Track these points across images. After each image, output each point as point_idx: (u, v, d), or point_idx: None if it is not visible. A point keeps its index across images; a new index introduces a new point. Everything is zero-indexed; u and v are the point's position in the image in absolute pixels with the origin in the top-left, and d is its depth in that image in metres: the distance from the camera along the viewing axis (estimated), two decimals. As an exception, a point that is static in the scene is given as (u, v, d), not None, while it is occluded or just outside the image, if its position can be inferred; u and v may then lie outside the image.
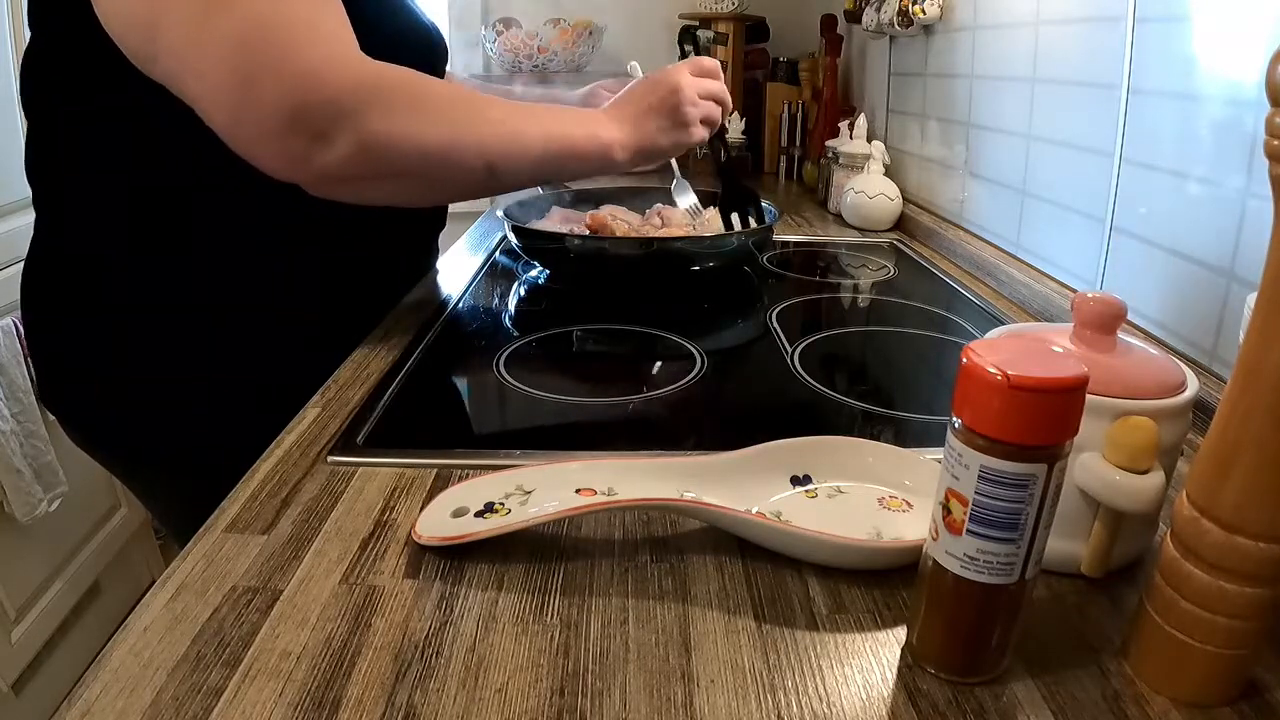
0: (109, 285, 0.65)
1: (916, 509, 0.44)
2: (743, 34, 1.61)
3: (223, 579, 0.39)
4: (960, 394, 0.31)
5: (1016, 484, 0.30)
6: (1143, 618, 0.34)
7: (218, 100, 0.52)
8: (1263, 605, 0.31)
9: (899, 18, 1.10)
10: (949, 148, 1.08)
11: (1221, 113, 0.58)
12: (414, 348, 0.69)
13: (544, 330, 0.75)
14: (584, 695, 0.33)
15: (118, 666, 0.34)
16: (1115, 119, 0.70)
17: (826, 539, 0.40)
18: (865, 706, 0.33)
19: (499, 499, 0.44)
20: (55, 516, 1.30)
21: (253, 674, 0.34)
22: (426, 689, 0.33)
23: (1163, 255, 0.65)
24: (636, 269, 0.84)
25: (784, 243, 1.09)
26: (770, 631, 0.37)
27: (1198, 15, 0.61)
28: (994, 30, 0.94)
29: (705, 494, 0.44)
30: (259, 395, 0.61)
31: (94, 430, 0.70)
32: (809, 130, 1.53)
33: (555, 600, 0.39)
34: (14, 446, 1.22)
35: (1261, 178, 0.54)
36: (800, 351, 0.70)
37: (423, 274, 0.90)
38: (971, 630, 0.33)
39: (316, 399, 0.59)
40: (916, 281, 0.93)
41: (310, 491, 0.47)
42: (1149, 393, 0.37)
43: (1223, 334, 0.58)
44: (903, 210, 1.16)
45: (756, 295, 0.88)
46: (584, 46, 1.67)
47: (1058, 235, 0.82)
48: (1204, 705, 0.32)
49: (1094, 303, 0.39)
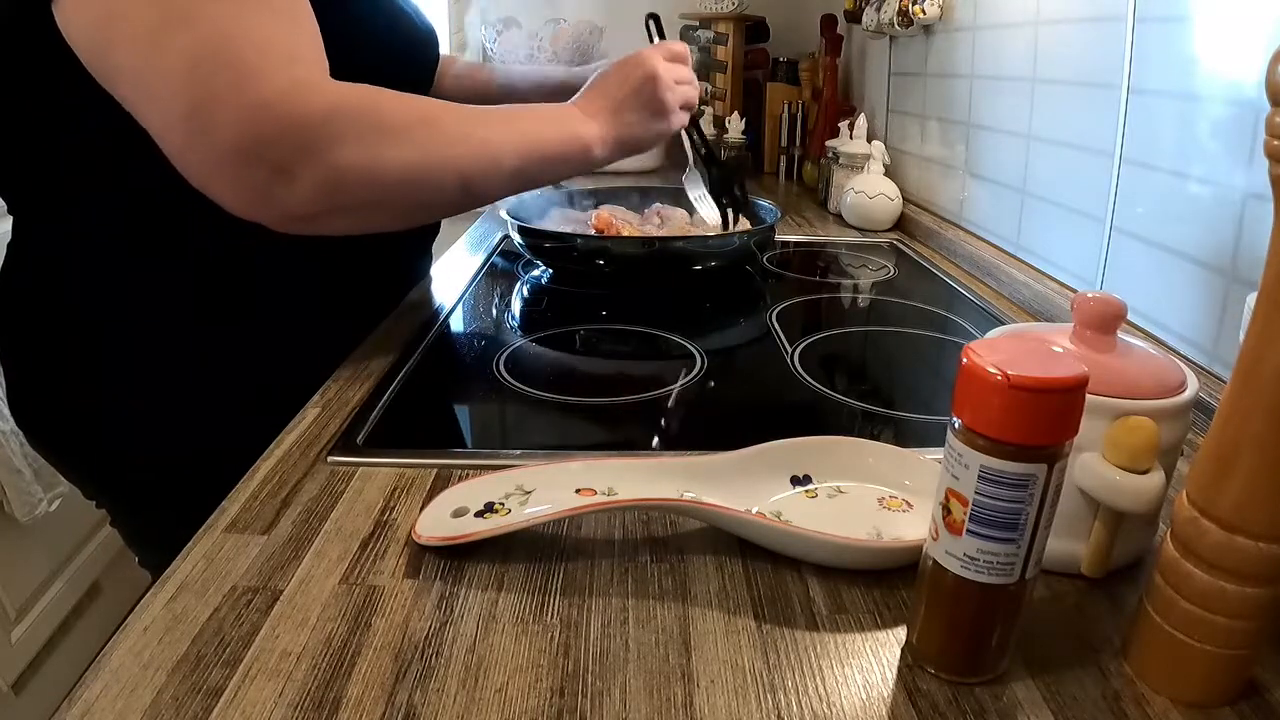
0: (96, 293, 0.63)
1: (916, 509, 0.44)
2: (743, 34, 1.61)
3: (223, 579, 0.39)
4: (960, 394, 0.31)
5: (1016, 484, 0.30)
6: (1143, 618, 0.34)
7: (170, 128, 0.49)
8: (1263, 605, 0.31)
9: (899, 18, 1.10)
10: (949, 148, 1.08)
11: (1221, 113, 0.58)
12: (414, 348, 0.69)
13: (544, 330, 0.75)
14: (584, 695, 0.33)
15: (118, 666, 0.34)
16: (1115, 119, 0.70)
17: (826, 539, 0.40)
18: (865, 706, 0.33)
19: (499, 499, 0.44)
20: (55, 516, 1.30)
21: (253, 674, 0.34)
22: (426, 689, 0.33)
23: (1163, 255, 0.65)
24: (638, 268, 0.84)
25: (784, 243, 1.09)
26: (770, 631, 0.37)
27: (1198, 15, 0.61)
28: (994, 30, 0.94)
29: (705, 494, 0.43)
30: (256, 399, 0.60)
31: (68, 443, 0.68)
32: (809, 130, 1.53)
33: (555, 600, 0.39)
34: (14, 446, 1.22)
35: (1261, 178, 0.54)
36: (800, 351, 0.70)
37: (418, 278, 0.89)
38: (971, 630, 0.33)
39: (316, 399, 0.59)
40: (916, 281, 0.93)
41: (310, 491, 0.47)
42: (1149, 393, 0.37)
43: (1223, 334, 0.58)
44: (903, 210, 1.16)
45: (757, 295, 0.88)
46: (584, 46, 1.67)
47: (1058, 235, 0.82)
48: (1204, 705, 0.32)
49: (1094, 303, 0.39)
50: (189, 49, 0.47)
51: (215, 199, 0.51)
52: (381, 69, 0.58)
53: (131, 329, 0.64)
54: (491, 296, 0.86)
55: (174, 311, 0.65)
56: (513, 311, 0.83)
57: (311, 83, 0.51)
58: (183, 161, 0.50)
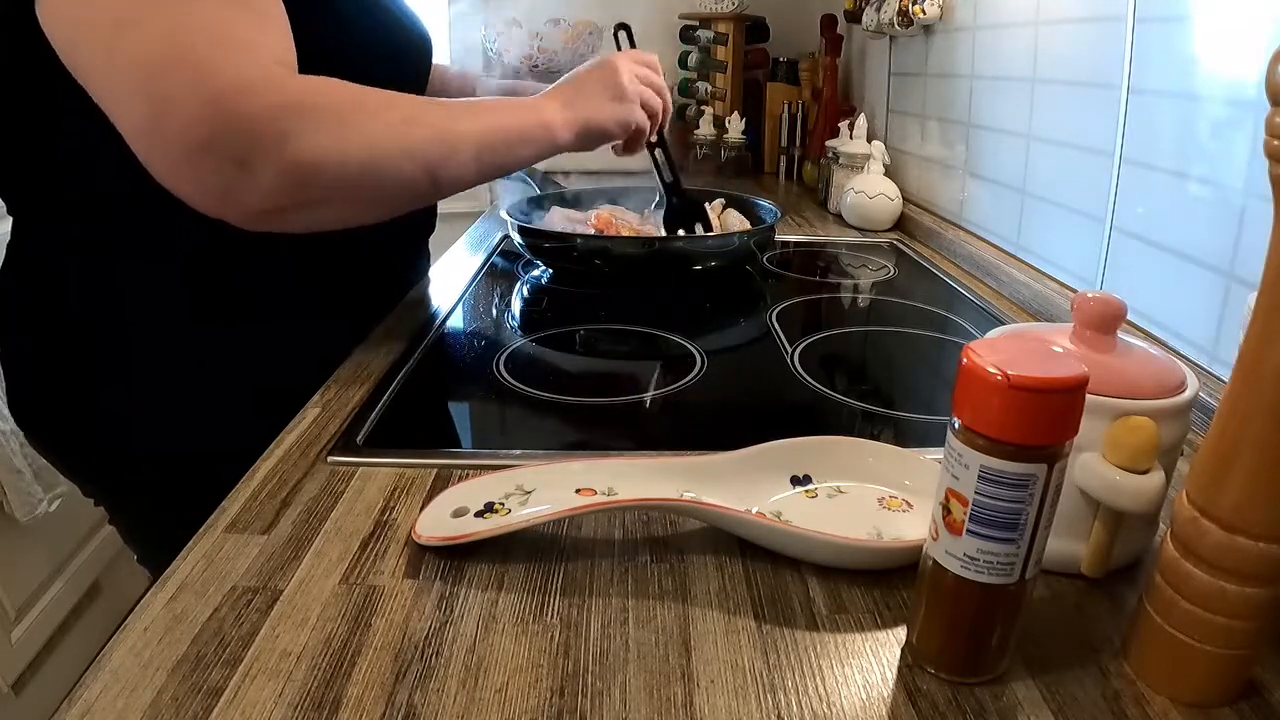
0: (95, 294, 0.63)
1: (916, 509, 0.44)
2: (743, 34, 1.61)
3: (223, 579, 0.39)
4: (960, 394, 0.31)
5: (1016, 484, 0.30)
6: (1143, 618, 0.34)
7: (133, 127, 0.48)
8: (1262, 605, 0.31)
9: (899, 18, 1.10)
10: (949, 148, 1.08)
11: (1221, 113, 0.58)
12: (414, 348, 0.69)
13: (544, 330, 0.75)
14: (584, 695, 0.33)
15: (118, 666, 0.34)
16: (1115, 119, 0.70)
17: (826, 539, 0.40)
18: (865, 706, 0.33)
19: (499, 499, 0.44)
20: (55, 516, 1.30)
21: (253, 674, 0.34)
22: (426, 689, 0.33)
23: (1163, 255, 0.65)
24: (638, 268, 0.84)
25: (784, 243, 1.09)
26: (770, 631, 0.37)
27: (1198, 15, 0.61)
28: (994, 30, 0.94)
29: (705, 494, 0.43)
30: (255, 400, 0.60)
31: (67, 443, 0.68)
32: (809, 130, 1.53)
33: (555, 600, 0.39)
34: (14, 446, 1.22)
35: (1261, 178, 0.54)
36: (800, 351, 0.70)
37: (416, 278, 0.89)
38: (971, 630, 0.33)
39: (316, 399, 0.59)
40: (916, 281, 0.93)
41: (310, 491, 0.47)
42: (1149, 393, 0.37)
43: (1223, 334, 0.58)
44: (903, 210, 1.16)
45: (757, 295, 0.88)
46: (584, 46, 1.67)
47: (1058, 235, 0.82)
48: (1204, 705, 0.32)
49: (1094, 303, 0.39)
50: (147, 47, 0.47)
51: (184, 199, 0.50)
52: (374, 74, 0.58)
53: (130, 329, 0.64)
54: (491, 296, 0.86)
55: (172, 312, 0.65)
56: (512, 311, 0.83)
57: (269, 76, 0.50)
58: (148, 159, 0.49)
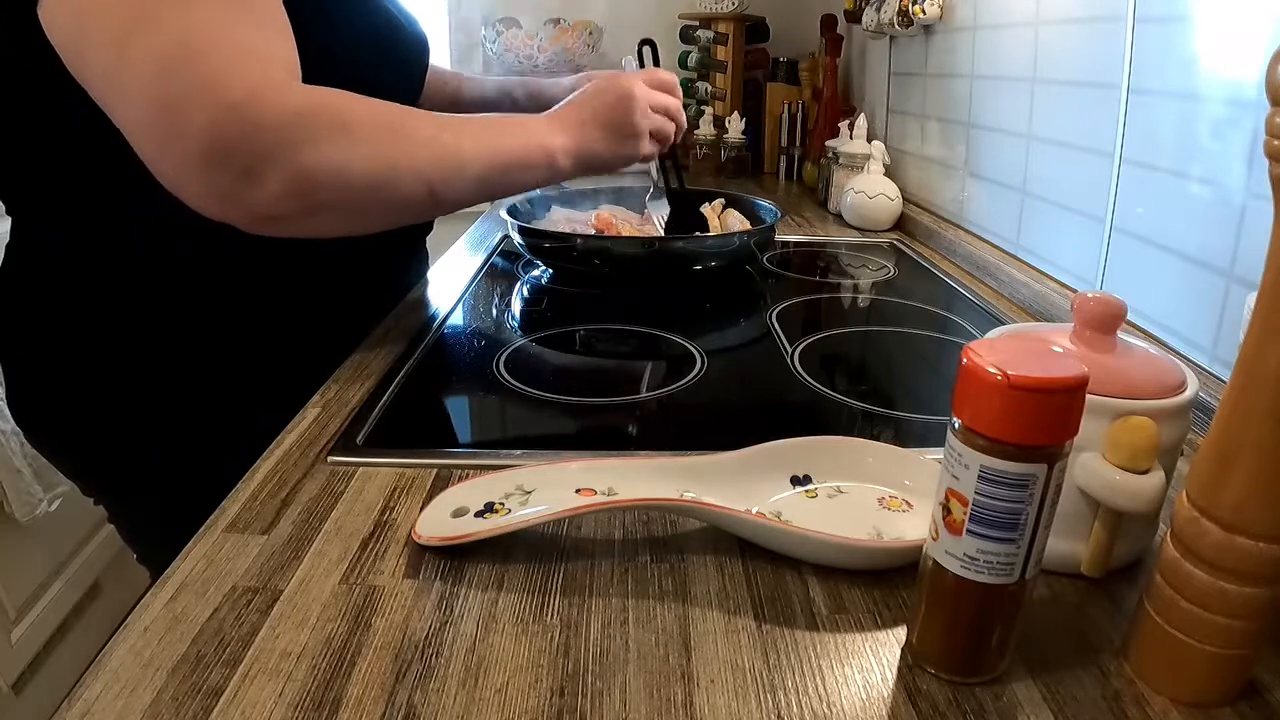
0: (95, 293, 0.63)
1: (916, 509, 0.44)
2: (743, 34, 1.61)
3: (223, 579, 0.39)
4: (960, 394, 0.31)
5: (1016, 484, 0.30)
6: (1143, 618, 0.34)
7: (140, 130, 0.49)
8: (1262, 605, 0.31)
9: (899, 18, 1.10)
10: (949, 148, 1.08)
11: (1221, 113, 0.58)
12: (414, 348, 0.69)
13: (544, 330, 0.75)
14: (584, 695, 0.33)
15: (118, 666, 0.34)
16: (1115, 119, 0.70)
17: (827, 539, 0.40)
18: (865, 706, 0.33)
19: (499, 499, 0.44)
20: (55, 516, 1.30)
21: (253, 674, 0.34)
22: (426, 689, 0.33)
23: (1162, 255, 0.65)
24: (638, 268, 0.84)
25: (784, 243, 1.09)
26: (770, 631, 0.37)
27: (1198, 15, 0.61)
28: (994, 30, 0.94)
29: (705, 494, 0.43)
30: (255, 399, 0.60)
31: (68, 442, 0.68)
32: (809, 130, 1.53)
33: (555, 600, 0.39)
34: (14, 446, 1.22)
35: (1261, 178, 0.54)
36: (800, 351, 0.70)
37: (415, 278, 0.89)
38: (971, 630, 0.33)
39: (316, 399, 0.59)
40: (916, 281, 0.93)
41: (310, 491, 0.47)
42: (1149, 393, 0.37)
43: (1223, 334, 0.58)
44: (903, 210, 1.16)
45: (757, 295, 0.88)
46: (584, 47, 1.68)
47: (1058, 235, 0.82)
48: (1204, 705, 0.32)
49: (1094, 303, 0.39)
50: (158, 51, 0.47)
51: (186, 201, 0.51)
52: (369, 77, 0.58)
53: (130, 329, 0.64)
54: (491, 296, 0.86)
55: (172, 312, 0.65)
56: (512, 311, 0.83)
57: (279, 85, 0.50)
58: (153, 163, 0.50)
